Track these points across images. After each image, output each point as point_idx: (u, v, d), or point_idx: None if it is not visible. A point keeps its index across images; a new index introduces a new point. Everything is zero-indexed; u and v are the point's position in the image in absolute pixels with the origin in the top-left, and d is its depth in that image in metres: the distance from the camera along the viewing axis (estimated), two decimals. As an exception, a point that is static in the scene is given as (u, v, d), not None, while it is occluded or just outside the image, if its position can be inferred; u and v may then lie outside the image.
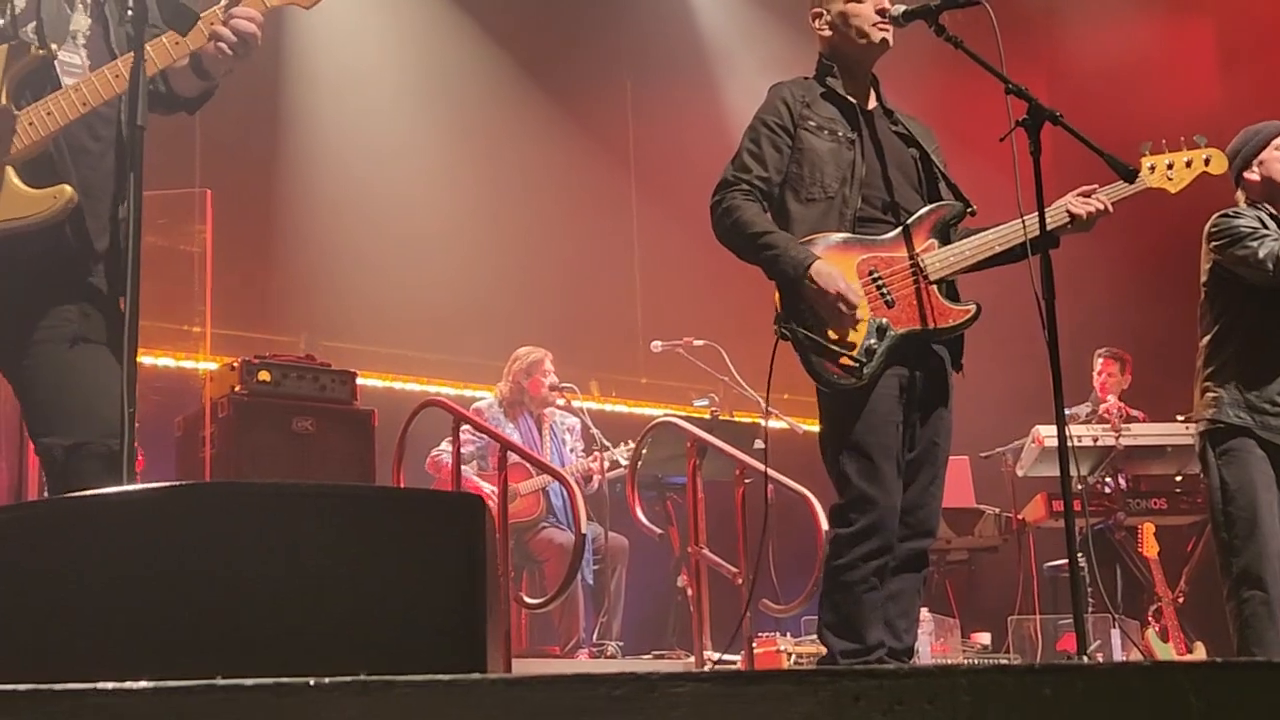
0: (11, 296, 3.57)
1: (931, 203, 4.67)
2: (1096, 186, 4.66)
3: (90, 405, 3.52)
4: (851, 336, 4.43)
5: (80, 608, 2.25)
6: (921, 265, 4.54)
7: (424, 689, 1.70)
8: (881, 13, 4.62)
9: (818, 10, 4.75)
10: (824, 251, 4.45)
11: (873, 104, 4.79)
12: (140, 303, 3.17)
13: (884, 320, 4.47)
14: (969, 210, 4.69)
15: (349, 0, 10.66)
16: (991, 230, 4.60)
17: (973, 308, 4.58)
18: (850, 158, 4.60)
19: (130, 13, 3.31)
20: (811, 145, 4.62)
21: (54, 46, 3.60)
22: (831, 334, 4.44)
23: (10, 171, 3.49)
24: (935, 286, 4.55)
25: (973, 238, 4.61)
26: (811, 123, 4.64)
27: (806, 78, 4.80)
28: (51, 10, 3.64)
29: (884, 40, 4.65)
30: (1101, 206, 4.63)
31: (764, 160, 4.62)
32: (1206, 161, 4.87)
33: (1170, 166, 4.82)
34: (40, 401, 3.60)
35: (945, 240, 4.62)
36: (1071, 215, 4.60)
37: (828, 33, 4.74)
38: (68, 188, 3.51)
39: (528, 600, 7.53)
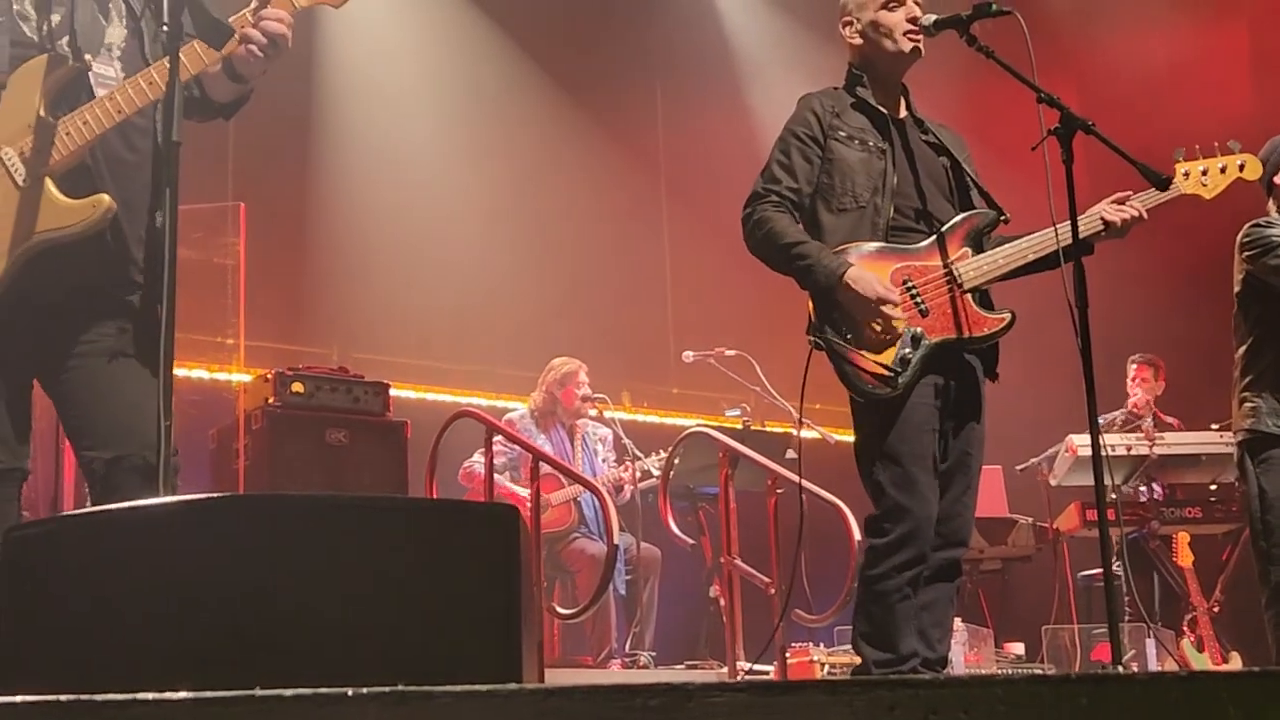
0: (52, 310, 3.59)
1: (964, 211, 4.66)
2: (1130, 193, 4.64)
3: (128, 419, 3.53)
4: (886, 346, 4.43)
5: (120, 619, 2.26)
6: (955, 274, 4.53)
7: (462, 699, 1.71)
8: (913, 21, 4.62)
9: (848, 19, 4.74)
10: (857, 260, 4.45)
11: (903, 113, 4.78)
12: (175, 315, 3.18)
13: (918, 329, 4.46)
14: (1002, 218, 4.68)
15: (380, 13, 10.72)
16: (1024, 238, 4.59)
17: (1007, 316, 4.57)
18: (881, 167, 4.59)
19: (165, 28, 3.32)
20: (842, 155, 4.61)
21: (88, 58, 3.62)
22: (866, 343, 4.43)
23: (49, 182, 3.50)
24: (969, 295, 4.54)
25: (1006, 246, 4.60)
26: (842, 133, 4.63)
27: (836, 88, 4.79)
28: (86, 22, 3.66)
29: (915, 49, 4.64)
30: (1136, 213, 4.61)
31: (794, 171, 4.61)
32: (1241, 167, 4.85)
33: (1204, 173, 4.80)
34: (79, 415, 3.62)
35: (978, 249, 4.60)
36: (1105, 222, 4.58)
37: (858, 41, 4.73)
38: (106, 197, 3.52)
39: (560, 610, 7.53)
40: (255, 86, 3.85)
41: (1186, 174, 4.79)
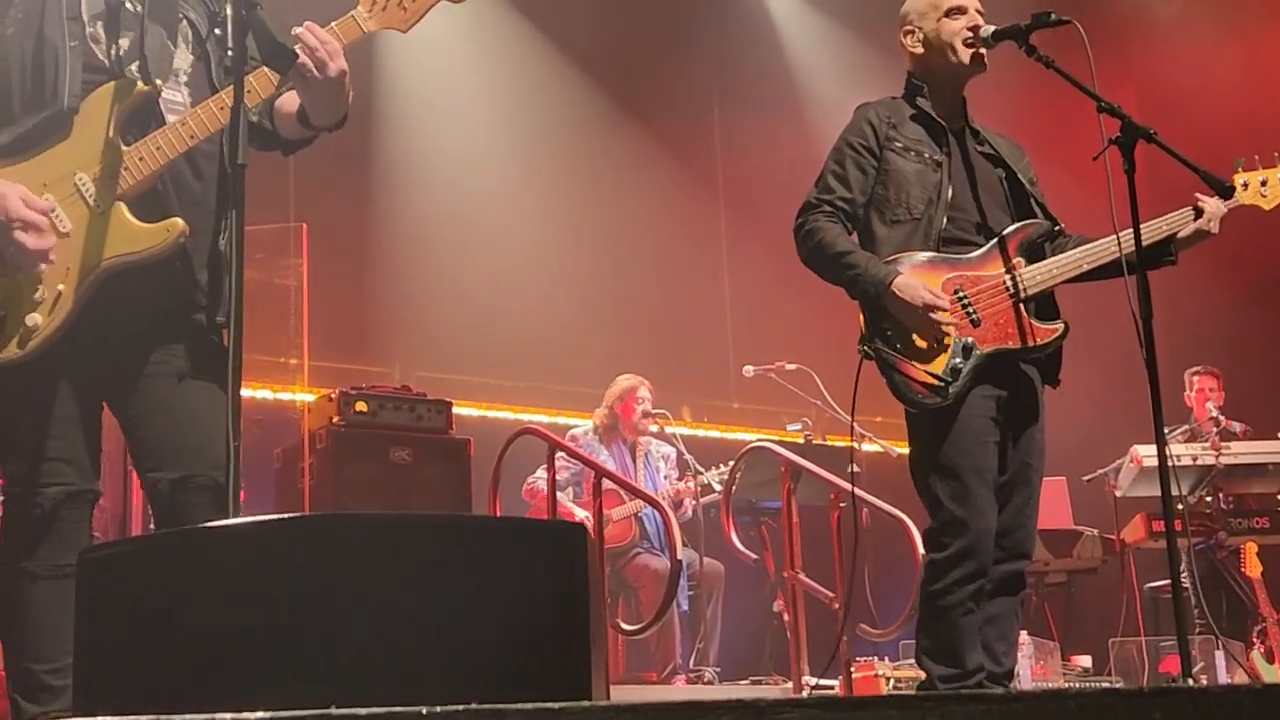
0: (123, 332, 3.62)
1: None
2: (1200, 197, 4.60)
3: (195, 440, 3.56)
4: (937, 355, 4.41)
5: (193, 639, 2.28)
6: (1009, 283, 4.52)
7: (534, 717, 1.71)
8: (974, 30, 4.60)
9: (909, 28, 4.73)
10: (909, 270, 4.44)
11: (961, 124, 4.77)
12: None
13: (969, 339, 4.44)
14: (1056, 228, 4.66)
15: (440, 34, 10.78)
16: (1079, 248, 4.57)
17: (1060, 326, 4.54)
18: (937, 179, 4.58)
19: (230, 53, 3.36)
20: (898, 166, 4.60)
21: (159, 83, 3.66)
22: (916, 352, 4.42)
23: (122, 207, 3.54)
24: (1024, 305, 4.52)
25: (1061, 256, 4.58)
26: (898, 144, 4.62)
27: (895, 98, 4.78)
28: (155, 48, 3.70)
29: (976, 58, 4.62)
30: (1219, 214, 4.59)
31: (848, 181, 4.61)
32: None
33: (1264, 183, 4.77)
34: (146, 437, 3.65)
35: (1033, 258, 4.58)
36: (1198, 211, 4.54)
37: (920, 50, 4.71)
38: (179, 221, 3.55)
39: (624, 626, 7.54)
40: (321, 134, 3.88)
41: (1246, 184, 4.76)
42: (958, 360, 4.41)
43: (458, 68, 11.12)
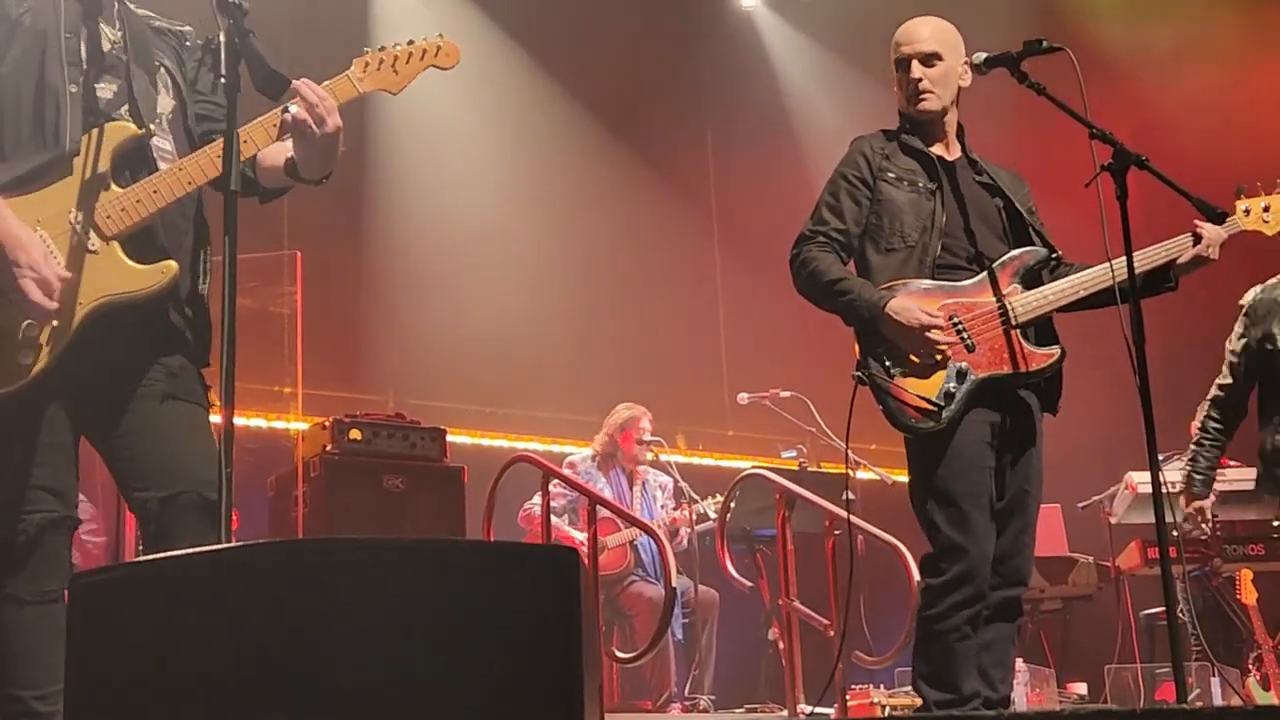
0: (109, 364, 3.66)
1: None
2: (1199, 223, 4.61)
3: (182, 458, 3.63)
4: (930, 380, 4.42)
5: (185, 665, 2.28)
6: (1005, 310, 4.53)
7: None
8: (916, 82, 4.67)
9: (892, 63, 4.80)
10: (904, 295, 4.46)
11: (955, 155, 4.79)
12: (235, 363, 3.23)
13: (964, 364, 4.45)
14: (1054, 255, 4.68)
15: (432, 62, 10.78)
16: (1073, 276, 4.59)
17: (1057, 351, 4.56)
18: (930, 208, 4.61)
19: (224, 79, 3.38)
20: (891, 196, 4.63)
21: (151, 126, 3.74)
22: (911, 374, 4.43)
23: (117, 246, 3.61)
24: (1019, 331, 4.53)
25: (1057, 282, 4.60)
26: (891, 174, 4.66)
27: (886, 131, 4.81)
28: (141, 92, 3.78)
29: (919, 110, 4.71)
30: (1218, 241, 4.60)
31: (842, 213, 4.64)
32: None
33: (1266, 209, 4.79)
34: (134, 458, 3.68)
35: (1029, 285, 4.60)
36: (1196, 236, 4.56)
37: (895, 90, 4.79)
38: (174, 263, 3.64)
39: (619, 655, 7.52)
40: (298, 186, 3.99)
41: (1247, 210, 4.78)
42: (952, 384, 4.42)
43: (453, 97, 11.14)
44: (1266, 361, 6.43)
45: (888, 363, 4.46)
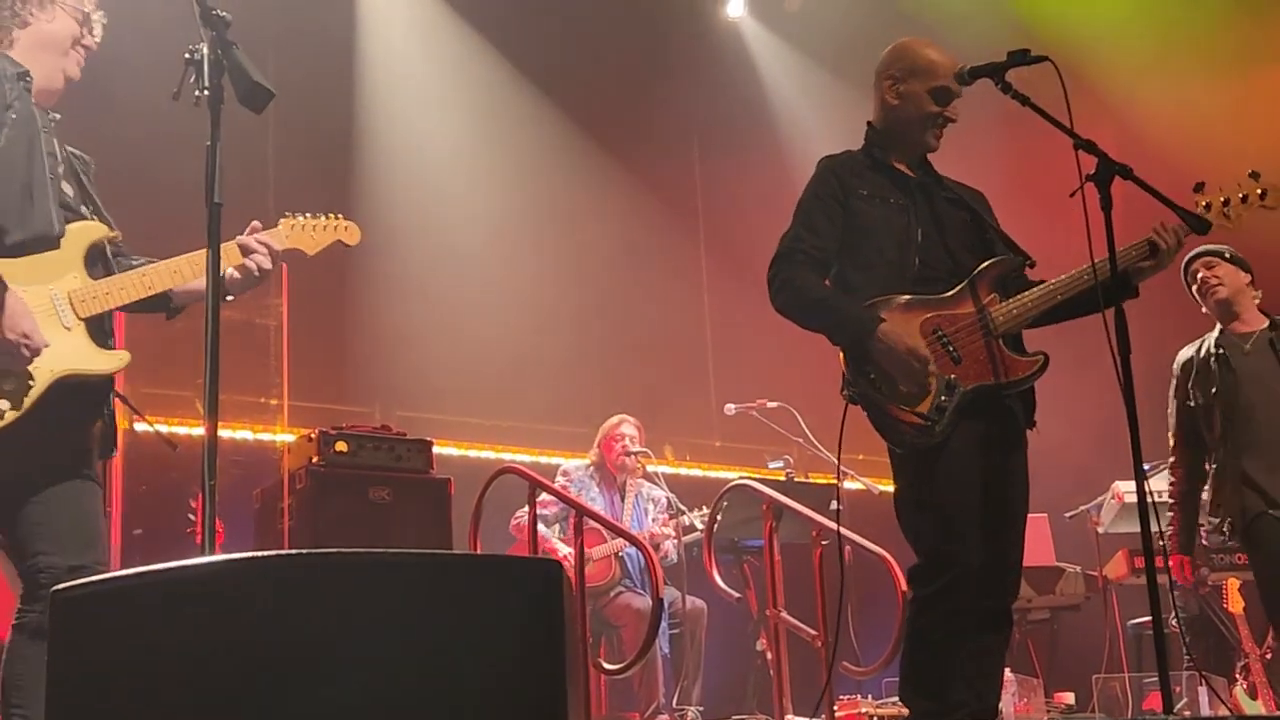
0: (54, 432, 3.95)
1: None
2: (1155, 230, 4.61)
3: (92, 534, 4.00)
4: (922, 395, 4.42)
5: (167, 677, 2.27)
6: (986, 319, 4.53)
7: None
8: (948, 120, 4.69)
9: (892, 79, 4.76)
10: (888, 314, 4.46)
11: (920, 170, 4.80)
12: (220, 376, 3.24)
13: (952, 377, 4.45)
14: (1027, 263, 4.68)
15: (421, 75, 10.82)
16: (1053, 280, 4.60)
17: (1040, 358, 4.56)
18: (904, 223, 4.62)
19: (207, 92, 3.40)
20: (864, 213, 4.63)
21: (116, 234, 4.23)
22: (901, 396, 4.42)
23: (84, 328, 4.02)
24: (1001, 340, 4.54)
25: (1031, 291, 4.60)
26: (863, 191, 4.66)
27: (853, 151, 4.81)
28: (88, 195, 4.24)
29: (934, 142, 4.73)
30: (1176, 238, 4.60)
31: (817, 230, 4.63)
32: (1262, 195, 4.83)
33: (1226, 203, 4.80)
34: (44, 523, 3.94)
35: (1006, 294, 4.61)
36: (1151, 244, 4.56)
37: (896, 103, 4.74)
38: (127, 354, 4.10)
39: (606, 666, 7.51)
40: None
41: (1208, 205, 4.79)
42: (943, 399, 4.42)
43: (438, 109, 11.16)
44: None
45: (877, 382, 4.44)
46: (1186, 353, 6.58)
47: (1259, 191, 4.82)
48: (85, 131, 4.44)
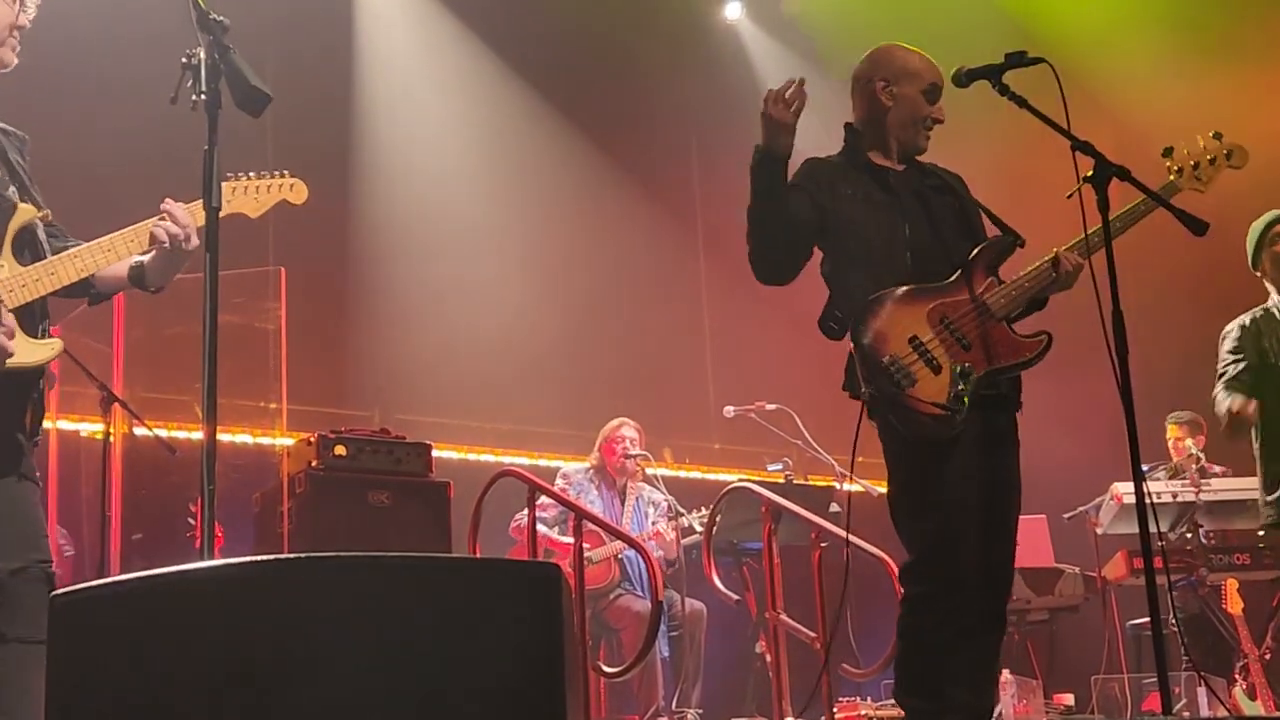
0: None
1: (980, 243, 4.67)
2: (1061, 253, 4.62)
3: (32, 535, 3.83)
4: (938, 385, 4.40)
5: (167, 682, 2.27)
6: (986, 304, 4.53)
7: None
8: (937, 121, 4.74)
9: (885, 80, 4.77)
10: (891, 305, 4.47)
11: (901, 165, 4.81)
12: (218, 380, 3.24)
13: (965, 364, 4.44)
14: (1018, 242, 4.69)
15: (419, 79, 10.82)
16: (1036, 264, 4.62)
17: (1044, 337, 4.56)
18: (890, 219, 4.63)
19: (204, 96, 3.39)
20: (850, 213, 4.66)
21: (47, 213, 3.99)
22: (918, 385, 4.41)
23: (14, 319, 3.80)
24: (1004, 323, 4.55)
25: (1022, 272, 4.61)
26: (847, 191, 4.69)
27: (831, 156, 4.85)
28: (16, 180, 3.97)
29: (923, 143, 4.78)
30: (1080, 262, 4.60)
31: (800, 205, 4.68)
32: (1229, 156, 4.88)
33: (1196, 167, 4.83)
34: None
35: (999, 277, 4.63)
36: (1056, 269, 4.58)
37: (889, 104, 4.76)
38: (60, 342, 3.92)
39: (606, 669, 7.51)
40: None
41: (1180, 170, 4.82)
42: (960, 386, 4.41)
43: (437, 113, 11.16)
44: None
45: (896, 376, 4.43)
46: (1241, 319, 6.53)
47: (1225, 153, 4.87)
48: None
